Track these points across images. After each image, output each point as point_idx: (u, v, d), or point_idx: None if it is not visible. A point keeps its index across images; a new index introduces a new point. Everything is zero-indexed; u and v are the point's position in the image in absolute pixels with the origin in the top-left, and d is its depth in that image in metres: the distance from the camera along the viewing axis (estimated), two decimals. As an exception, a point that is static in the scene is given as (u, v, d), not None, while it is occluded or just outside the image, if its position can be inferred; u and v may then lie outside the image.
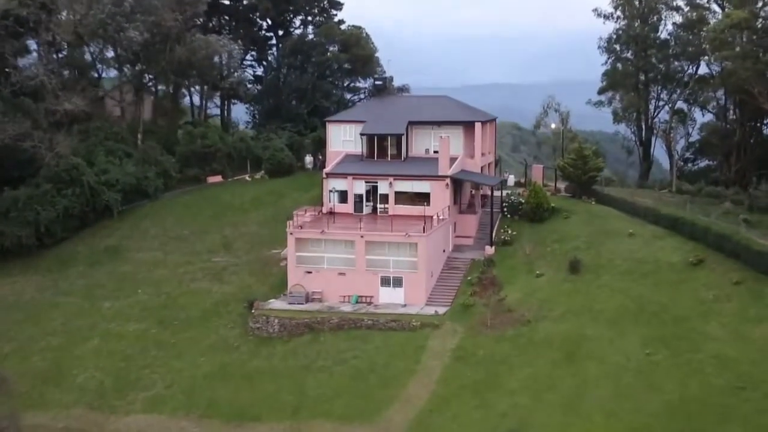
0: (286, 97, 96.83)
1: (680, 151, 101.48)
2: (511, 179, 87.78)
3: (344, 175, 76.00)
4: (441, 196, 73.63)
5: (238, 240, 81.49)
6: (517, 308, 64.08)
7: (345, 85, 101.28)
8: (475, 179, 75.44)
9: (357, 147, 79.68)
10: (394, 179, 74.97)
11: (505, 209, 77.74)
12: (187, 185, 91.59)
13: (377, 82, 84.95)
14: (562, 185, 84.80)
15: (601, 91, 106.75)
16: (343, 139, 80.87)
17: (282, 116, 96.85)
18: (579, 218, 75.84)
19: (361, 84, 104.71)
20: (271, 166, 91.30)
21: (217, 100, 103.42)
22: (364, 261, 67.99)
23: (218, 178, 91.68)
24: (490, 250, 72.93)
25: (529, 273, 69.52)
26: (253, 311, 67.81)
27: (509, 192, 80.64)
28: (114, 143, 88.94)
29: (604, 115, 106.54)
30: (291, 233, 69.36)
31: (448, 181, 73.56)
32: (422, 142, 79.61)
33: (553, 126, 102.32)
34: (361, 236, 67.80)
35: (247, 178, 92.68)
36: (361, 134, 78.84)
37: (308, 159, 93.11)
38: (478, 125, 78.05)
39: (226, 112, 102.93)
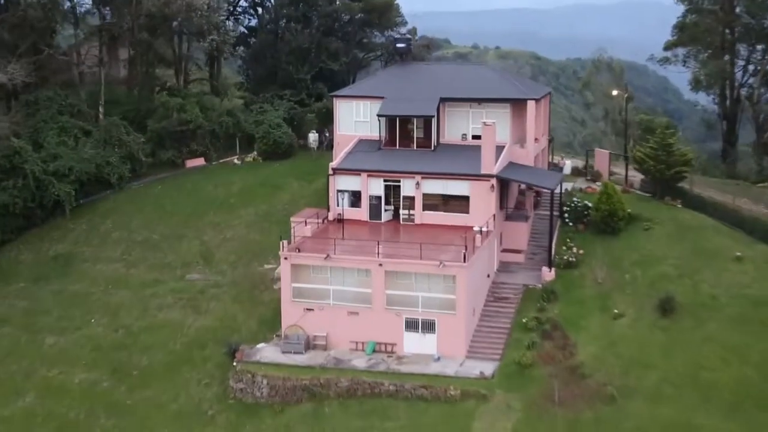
0: (285, 57, 78.81)
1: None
2: (568, 166, 70.56)
3: (357, 172, 59.08)
4: (484, 200, 56.77)
5: (222, 248, 64.94)
6: (593, 371, 47.78)
7: (357, 41, 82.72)
8: (529, 180, 58.38)
9: (373, 130, 62.78)
10: (422, 178, 58.01)
11: (566, 215, 60.43)
12: (160, 171, 74.99)
13: (399, 44, 66.90)
14: (626, 172, 67.20)
15: (669, 46, 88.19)
16: (355, 119, 63.98)
17: (279, 82, 79.27)
18: (664, 230, 58.90)
19: (377, 39, 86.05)
20: (265, 146, 74.10)
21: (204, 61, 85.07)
22: (384, 297, 51.65)
23: (200, 162, 74.74)
24: (548, 274, 56.22)
25: (603, 311, 52.97)
26: (235, 363, 51.43)
27: (570, 190, 63.24)
28: (69, 119, 71.60)
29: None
30: (285, 258, 52.38)
31: (493, 182, 56.41)
32: (457, 125, 62.56)
33: (614, 93, 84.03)
34: (380, 264, 50.75)
35: (236, 161, 75.66)
36: (380, 115, 61.57)
37: (312, 137, 75.66)
38: (531, 104, 60.61)
39: (215, 75, 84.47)
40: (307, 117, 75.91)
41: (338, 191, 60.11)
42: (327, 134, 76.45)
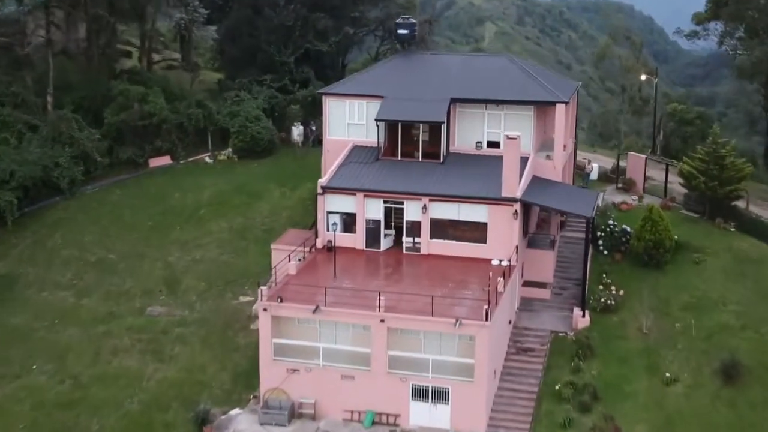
0: (265, 36, 68.25)
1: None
2: (595, 170, 60.90)
3: (351, 191, 49.07)
4: (506, 228, 47.63)
5: (189, 273, 55.52)
6: (647, 465, 38.38)
7: (349, 16, 72.01)
8: (560, 206, 48.85)
9: (370, 134, 53.20)
10: (431, 200, 48.16)
11: (600, 241, 51.00)
12: (118, 172, 64.87)
13: (401, 30, 56.46)
14: (665, 182, 57.80)
15: (701, 20, 78.11)
16: (348, 121, 54.17)
17: (258, 65, 68.82)
18: (718, 264, 49.91)
19: (370, 12, 75.36)
20: (241, 143, 64.14)
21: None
22: (386, 358, 42.66)
23: (165, 160, 64.93)
24: (581, 319, 47.19)
25: (652, 373, 44.27)
26: (202, 441, 42.38)
27: (600, 205, 53.81)
28: (11, 111, 61.45)
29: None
30: (264, 309, 42.80)
31: (517, 207, 46.76)
32: (471, 130, 53.07)
33: (643, 78, 74.15)
34: (381, 320, 41.21)
35: (208, 159, 65.80)
36: (378, 120, 51.52)
37: (296, 131, 65.67)
38: (561, 108, 51.05)
39: (184, 56, 73.53)
40: (290, 110, 65.57)
41: (328, 213, 50.26)
42: (313, 128, 66.64)
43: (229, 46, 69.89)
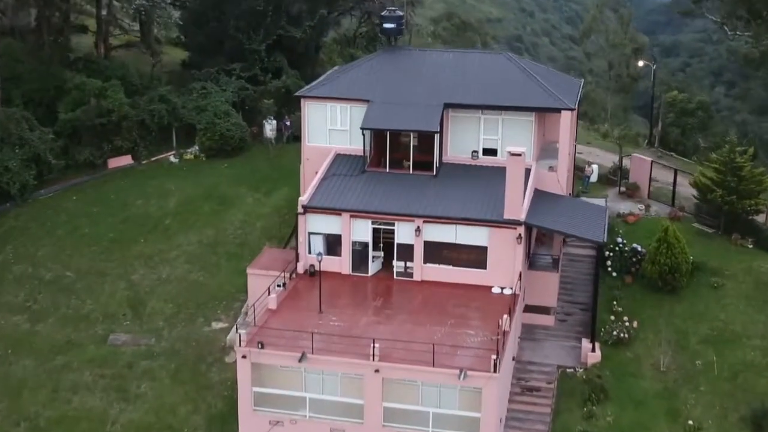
0: (233, 22, 62.79)
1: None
2: (595, 172, 56.55)
3: (336, 211, 44.37)
4: (508, 253, 43.38)
5: (155, 294, 50.97)
6: None
7: (324, -2, 66.71)
8: (567, 228, 44.48)
9: (354, 141, 48.56)
10: (425, 222, 43.56)
11: (608, 262, 46.96)
12: (74, 175, 59.58)
13: (387, 24, 51.34)
14: (673, 188, 53.83)
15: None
16: (330, 127, 49.19)
17: (226, 53, 63.47)
18: (739, 289, 46.29)
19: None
20: (209, 141, 59.10)
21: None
22: (381, 411, 38.34)
23: (126, 160, 59.92)
24: (591, 353, 43.16)
25: (673, 419, 40.93)
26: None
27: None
28: (-48, 108, 56.03)
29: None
30: (243, 356, 38.34)
31: (521, 230, 42.39)
32: (465, 137, 48.73)
33: (640, 64, 69.75)
34: (376, 370, 36.91)
35: (172, 158, 60.73)
36: (364, 128, 46.74)
37: (269, 126, 60.57)
38: (566, 115, 46.47)
39: (144, 41, 67.59)
40: (263, 103, 60.40)
41: (310, 234, 45.69)
42: (288, 123, 61.56)
43: (194, 32, 64.27)
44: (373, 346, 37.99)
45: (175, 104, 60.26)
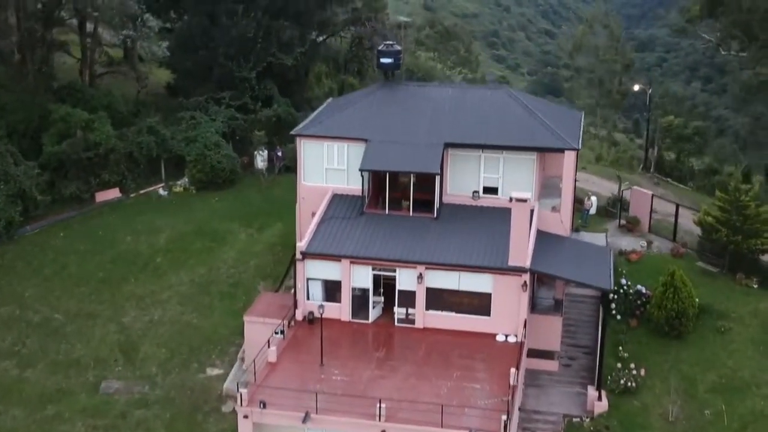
0: (223, 49, 61.66)
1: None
2: (594, 205, 55.85)
3: (335, 258, 43.44)
4: (512, 300, 42.71)
5: (148, 338, 50.01)
6: None
7: (315, 21, 65.44)
8: (573, 275, 43.67)
9: (351, 181, 47.69)
10: (427, 268, 42.66)
11: (612, 304, 46.35)
12: (61, 209, 58.34)
13: (384, 60, 50.34)
14: (674, 222, 53.20)
15: (693, 17, 73.16)
16: (326, 166, 48.04)
17: (215, 81, 62.31)
18: (746, 334, 45.92)
19: (337, 16, 68.99)
20: (199, 173, 57.97)
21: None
22: (387, 471, 36.94)
23: (114, 194, 58.69)
24: (598, 402, 42.58)
25: (683, 476, 39.23)
26: None
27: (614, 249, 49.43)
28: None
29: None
30: (245, 416, 37.43)
31: (526, 278, 41.64)
32: (465, 176, 47.70)
33: (636, 88, 69.20)
34: (382, 431, 36.12)
35: (161, 191, 59.61)
36: (363, 170, 45.80)
37: (260, 157, 59.50)
38: (570, 156, 45.65)
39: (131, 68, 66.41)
40: (255, 135, 59.38)
41: (309, 279, 44.79)
42: (280, 153, 60.59)
43: (182, 58, 62.98)
44: (380, 407, 37.10)
45: (164, 135, 59.19)
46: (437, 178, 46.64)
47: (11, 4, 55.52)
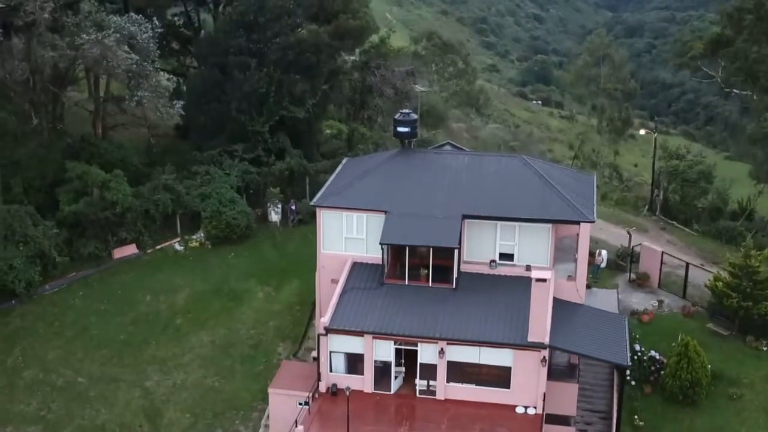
0: (235, 104, 63.04)
1: None
2: (605, 259, 57.46)
3: (358, 333, 45.04)
4: (532, 374, 44.65)
5: (171, 402, 51.71)
6: None
7: (325, 72, 66.78)
8: (592, 353, 45.35)
9: (370, 250, 49.26)
10: (448, 344, 44.30)
11: (628, 370, 48.02)
12: (79, 267, 59.48)
13: (401, 129, 51.85)
14: (684, 280, 55.03)
15: (695, 54, 74.79)
16: (346, 235, 49.41)
17: (228, 134, 63.67)
18: (758, 401, 47.98)
19: (345, 63, 70.42)
20: (215, 230, 59.37)
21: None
22: None
23: (131, 250, 60.09)
24: (616, 472, 43.88)
25: None
26: None
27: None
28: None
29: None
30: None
31: (545, 354, 43.35)
32: (483, 243, 49.30)
33: (642, 132, 70.84)
34: None
35: (177, 246, 61.04)
36: (383, 244, 47.30)
37: (275, 212, 60.98)
38: (586, 228, 47.30)
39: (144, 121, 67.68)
40: (270, 192, 60.86)
41: (331, 352, 46.38)
42: (293, 207, 62.11)
43: (195, 111, 64.24)
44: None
45: (179, 192, 60.48)
46: (455, 251, 48.11)
47: (27, 65, 56.53)
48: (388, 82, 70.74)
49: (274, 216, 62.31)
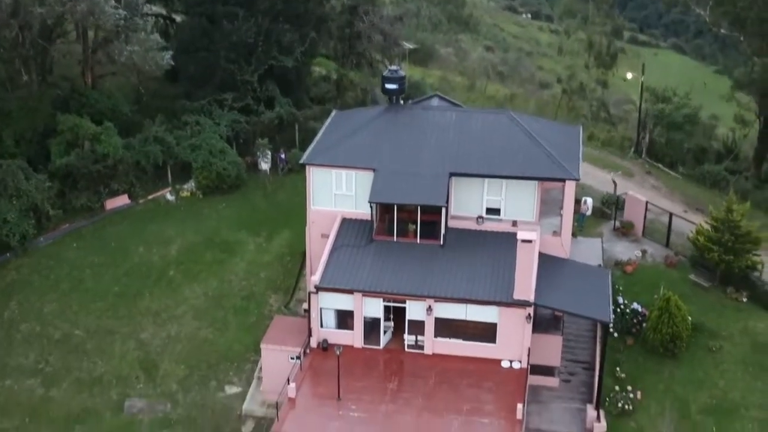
0: (224, 54, 63.05)
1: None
2: (590, 207, 58.29)
3: (348, 291, 46.13)
4: (517, 330, 45.91)
5: (166, 354, 52.77)
6: None
7: (313, 18, 66.55)
8: (576, 309, 46.51)
9: (359, 206, 50.06)
10: (436, 301, 45.42)
11: (611, 322, 49.24)
12: (72, 218, 60.15)
13: (389, 85, 52.12)
14: (668, 230, 56.02)
15: None
16: (335, 192, 50.09)
17: (217, 83, 63.84)
18: (736, 353, 49.23)
19: (336, 6, 70.17)
20: (206, 180, 60.00)
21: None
22: (405, 506, 40.38)
23: (123, 201, 60.68)
24: (597, 423, 45.73)
25: (679, 498, 42.85)
26: None
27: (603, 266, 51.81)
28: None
29: None
30: (270, 460, 40.74)
31: (530, 311, 44.55)
32: (471, 199, 50.11)
33: (629, 76, 71.16)
34: (401, 474, 39.65)
35: (169, 195, 61.76)
36: (372, 202, 48.10)
37: (264, 161, 61.57)
38: (571, 185, 48.04)
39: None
40: (259, 142, 61.26)
41: (322, 309, 47.51)
42: (283, 156, 62.64)
43: (185, 61, 64.17)
44: None
45: (170, 144, 60.87)
46: (443, 209, 48.86)
47: (15, 21, 56.36)
48: (377, 28, 70.55)
49: (264, 165, 62.82)
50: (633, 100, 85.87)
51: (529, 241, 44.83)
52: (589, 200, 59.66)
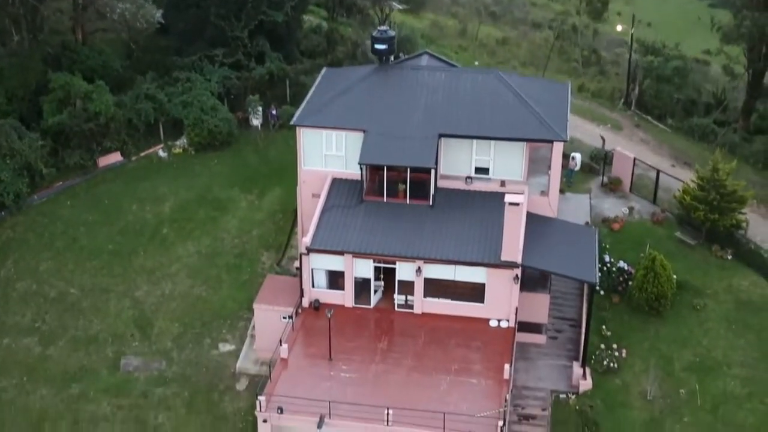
0: (214, 9, 62.85)
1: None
2: (579, 163, 58.83)
3: (338, 252, 46.79)
4: (504, 290, 46.76)
5: (161, 312, 53.57)
6: None
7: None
8: (563, 270, 47.22)
9: (349, 166, 50.57)
10: (425, 262, 46.18)
11: (597, 283, 50.10)
12: (66, 176, 60.58)
13: (378, 44, 52.14)
14: (655, 187, 56.71)
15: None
16: (325, 153, 50.61)
17: (208, 39, 63.77)
18: (720, 311, 50.10)
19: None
20: (198, 137, 60.33)
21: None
22: (395, 465, 41.61)
23: (115, 158, 61.01)
24: (582, 379, 46.95)
25: (661, 453, 44.11)
26: None
27: (590, 224, 52.54)
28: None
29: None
30: (264, 420, 41.74)
31: (517, 272, 45.31)
32: (457, 160, 50.79)
33: (619, 28, 71.00)
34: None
35: (161, 152, 61.93)
36: (362, 164, 48.57)
37: (255, 116, 61.83)
38: (558, 147, 48.52)
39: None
40: (250, 99, 61.39)
41: (313, 269, 48.21)
42: (274, 112, 62.85)
43: (175, 17, 63.97)
44: (387, 413, 41.22)
45: (161, 101, 61.00)
46: (432, 170, 49.27)
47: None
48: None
49: (255, 121, 63.01)
50: (626, 42, 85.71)
51: (517, 204, 45.35)
52: (578, 156, 60.06)
